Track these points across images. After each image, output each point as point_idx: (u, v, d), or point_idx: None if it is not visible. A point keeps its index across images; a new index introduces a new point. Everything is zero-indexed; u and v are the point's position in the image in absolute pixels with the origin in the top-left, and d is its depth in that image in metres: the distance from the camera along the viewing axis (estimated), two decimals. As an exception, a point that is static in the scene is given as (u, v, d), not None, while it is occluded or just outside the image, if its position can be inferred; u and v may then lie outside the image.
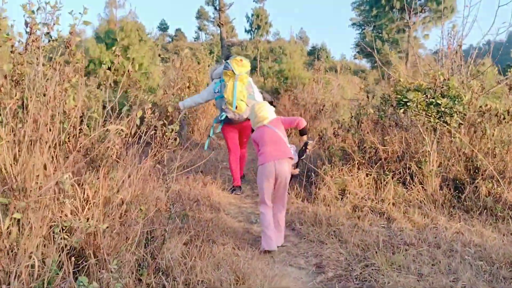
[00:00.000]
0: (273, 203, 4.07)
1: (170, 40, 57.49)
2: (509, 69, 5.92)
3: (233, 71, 5.51)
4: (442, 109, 4.76)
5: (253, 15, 40.10)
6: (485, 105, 5.15)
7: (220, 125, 5.92)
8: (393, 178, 5.06)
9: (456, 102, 4.80)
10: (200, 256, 3.48)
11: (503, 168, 4.92)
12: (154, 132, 3.85)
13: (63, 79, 3.19)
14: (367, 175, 5.21)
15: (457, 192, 4.97)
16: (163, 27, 63.64)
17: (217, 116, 5.98)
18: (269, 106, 4.28)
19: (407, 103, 4.77)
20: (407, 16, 26.02)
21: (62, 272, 2.38)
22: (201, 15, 59.44)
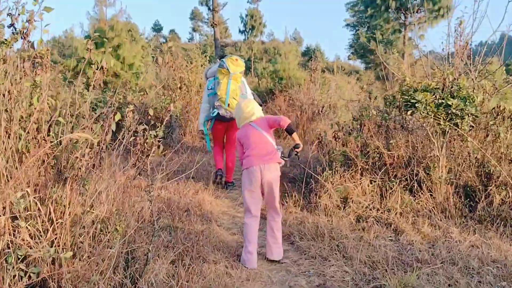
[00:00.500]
0: (267, 208, 3.76)
1: (164, 41, 57.04)
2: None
3: (228, 69, 5.54)
4: (452, 110, 4.38)
5: (247, 15, 39.74)
6: (498, 106, 4.78)
7: (212, 122, 5.92)
8: (399, 185, 4.68)
9: (468, 103, 4.42)
10: (189, 278, 3.07)
11: (518, 174, 4.56)
12: (134, 138, 3.43)
13: (21, 76, 2.76)
14: (371, 182, 4.82)
15: (468, 200, 4.60)
16: (157, 28, 63.19)
17: (208, 113, 5.93)
18: (256, 104, 3.95)
19: (415, 104, 4.38)
20: (403, 16, 25.78)
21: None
22: (195, 16, 59.16)
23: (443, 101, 4.46)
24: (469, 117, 4.49)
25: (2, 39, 2.70)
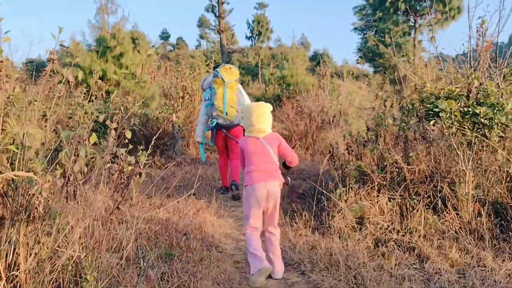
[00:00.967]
0: (264, 224, 3.64)
1: (172, 48, 57.06)
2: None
3: (222, 78, 5.62)
4: (480, 120, 3.91)
5: (253, 21, 39.47)
6: (530, 113, 4.30)
7: (213, 132, 5.98)
8: (421, 203, 4.20)
9: (497, 112, 3.94)
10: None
11: (556, 189, 4.07)
12: (111, 164, 3.01)
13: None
14: (389, 199, 4.35)
15: (499, 219, 4.11)
16: (164, 36, 63.23)
17: (208, 124, 6.00)
18: (269, 116, 3.67)
19: (440, 113, 3.92)
20: (412, 18, 25.26)
21: None
22: (202, 23, 59.18)
23: (469, 109, 3.99)
24: (498, 126, 4.01)
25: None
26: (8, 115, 2.72)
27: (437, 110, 3.93)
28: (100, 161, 7.84)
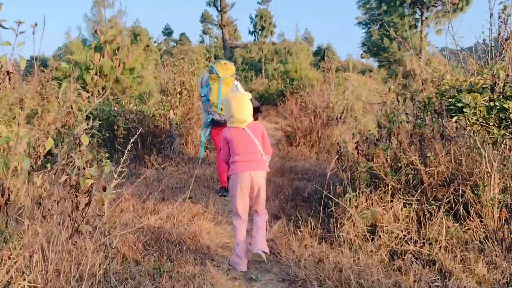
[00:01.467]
0: (253, 210, 3.78)
1: (175, 44, 56.68)
2: None
3: (217, 74, 5.64)
4: (510, 116, 3.45)
5: (256, 16, 38.94)
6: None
7: (209, 128, 5.88)
8: (440, 209, 3.76)
9: (527, 106, 3.48)
10: None
11: None
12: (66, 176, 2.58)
13: None
14: (405, 205, 3.90)
15: (529, 227, 3.66)
16: (167, 32, 62.84)
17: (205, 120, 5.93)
18: (249, 105, 3.76)
19: (463, 108, 3.46)
20: (418, 11, 24.69)
21: None
22: (205, 18, 58.80)
23: (495, 104, 3.53)
24: (529, 123, 3.55)
25: None
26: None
27: (460, 105, 3.47)
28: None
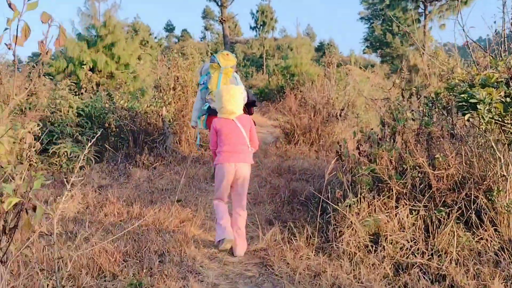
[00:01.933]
0: (233, 204, 3.89)
1: (177, 40, 56.36)
2: None
3: (218, 63, 5.67)
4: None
5: (258, 11, 38.51)
6: None
7: (205, 116, 5.79)
8: (450, 217, 3.39)
9: (548, 102, 3.11)
10: None
11: None
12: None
13: None
14: (411, 211, 3.54)
15: (548, 236, 3.29)
16: (169, 28, 62.56)
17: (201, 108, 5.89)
18: (240, 97, 3.89)
19: (477, 105, 3.08)
20: (422, 5, 24.22)
21: None
22: (207, 14, 58.55)
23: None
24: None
25: None
26: None
27: (473, 101, 3.09)
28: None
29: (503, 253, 3.18)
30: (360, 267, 3.16)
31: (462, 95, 3.13)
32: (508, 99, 3.21)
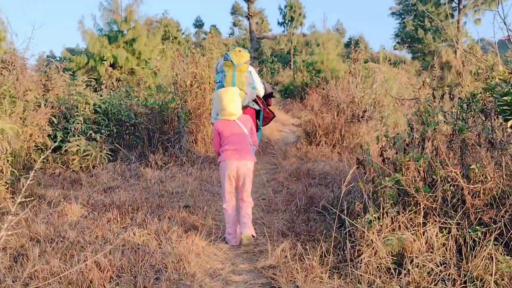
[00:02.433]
0: (238, 196, 4.02)
1: (205, 36, 56.45)
2: None
3: (232, 61, 5.65)
4: None
5: (286, 6, 37.98)
6: None
7: None
8: (487, 237, 2.93)
9: None
10: None
11: None
12: None
13: None
14: (441, 230, 3.09)
15: None
16: (198, 24, 62.76)
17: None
18: (239, 99, 4.07)
19: (524, 109, 2.61)
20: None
21: None
22: (235, 10, 58.51)
23: None
24: None
25: None
26: None
27: (519, 104, 2.62)
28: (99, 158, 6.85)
29: (550, 283, 2.71)
30: (380, 294, 2.74)
31: (504, 98, 2.66)
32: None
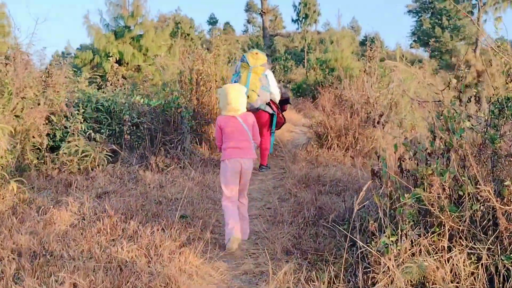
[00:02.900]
0: (239, 194, 4.05)
1: (219, 34, 56.35)
2: None
3: (247, 63, 5.91)
4: None
5: (300, 3, 37.44)
6: None
7: None
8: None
9: None
10: None
11: None
12: None
13: None
14: (469, 256, 2.65)
15: None
16: (212, 21, 62.63)
17: None
18: (244, 95, 4.08)
19: None
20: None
21: None
22: (250, 7, 58.35)
23: None
24: None
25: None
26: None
27: None
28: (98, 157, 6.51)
29: None
30: (397, 335, 2.32)
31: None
32: None
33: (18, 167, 5.92)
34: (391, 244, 2.68)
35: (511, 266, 2.54)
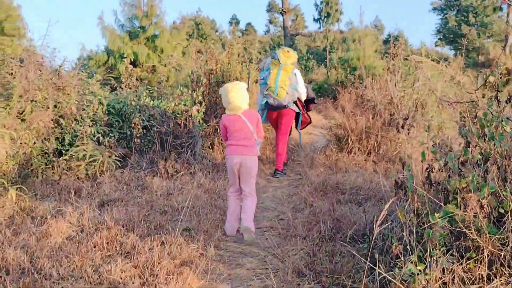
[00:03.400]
0: (242, 193, 4.09)
1: (241, 34, 56.24)
2: None
3: (278, 60, 5.90)
4: None
5: (322, 2, 36.87)
6: None
7: (265, 111, 6.13)
8: None
9: None
10: None
11: None
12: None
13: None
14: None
15: None
16: (234, 22, 62.71)
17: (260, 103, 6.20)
18: (245, 93, 4.07)
19: None
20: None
21: None
22: (271, 7, 58.06)
23: None
24: None
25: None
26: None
27: None
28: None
29: None
30: None
31: None
32: None
33: (21, 173, 5.67)
34: (418, 274, 2.25)
35: None
